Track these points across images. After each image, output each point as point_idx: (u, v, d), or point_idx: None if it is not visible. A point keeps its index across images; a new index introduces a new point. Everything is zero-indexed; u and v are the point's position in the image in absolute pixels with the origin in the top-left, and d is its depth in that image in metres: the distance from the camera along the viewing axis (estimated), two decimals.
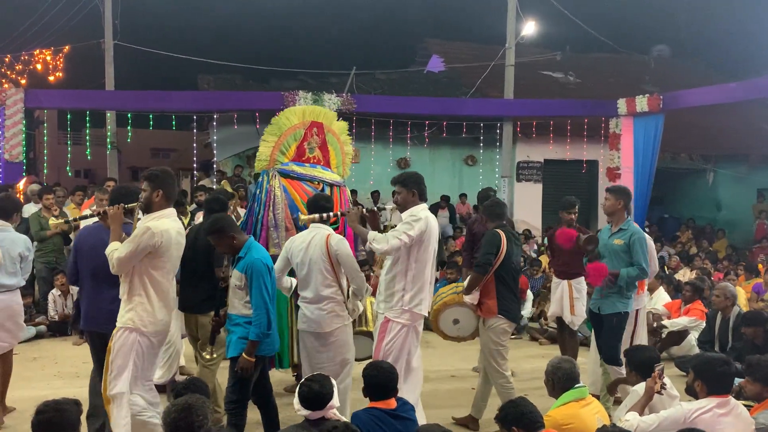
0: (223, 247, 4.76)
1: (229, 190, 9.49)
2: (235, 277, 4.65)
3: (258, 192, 6.37)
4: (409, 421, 4.04)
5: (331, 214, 5.12)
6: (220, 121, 14.70)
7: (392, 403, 4.08)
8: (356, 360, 5.48)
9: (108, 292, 4.76)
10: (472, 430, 5.77)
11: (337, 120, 6.77)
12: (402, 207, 5.02)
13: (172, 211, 4.58)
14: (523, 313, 9.53)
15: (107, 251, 4.41)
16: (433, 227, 4.91)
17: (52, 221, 5.12)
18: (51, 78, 15.33)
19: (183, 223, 7.99)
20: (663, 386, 4.52)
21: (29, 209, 9.59)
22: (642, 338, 6.63)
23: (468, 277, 5.76)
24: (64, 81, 15.66)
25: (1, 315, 5.65)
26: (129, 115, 14.26)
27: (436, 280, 7.20)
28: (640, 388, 4.66)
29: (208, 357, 5.48)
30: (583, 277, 6.83)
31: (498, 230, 5.60)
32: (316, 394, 3.82)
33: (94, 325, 4.82)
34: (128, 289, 4.43)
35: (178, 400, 3.39)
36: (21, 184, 11.36)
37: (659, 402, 4.61)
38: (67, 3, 15.76)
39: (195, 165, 16.12)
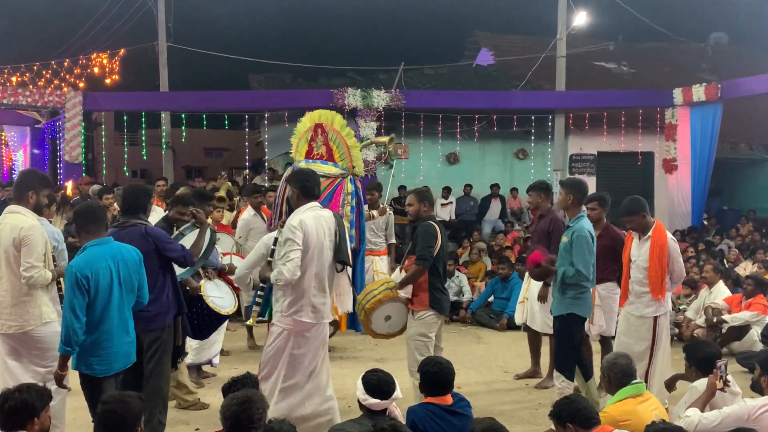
0: None
1: (222, 193, 9.72)
2: None
3: None
4: (465, 417, 4.03)
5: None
6: (271, 119, 14.87)
7: (448, 399, 4.08)
8: None
9: None
10: None
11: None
12: (293, 207, 4.92)
13: (11, 208, 4.86)
14: None
15: None
16: (311, 230, 4.65)
17: None
18: (108, 81, 15.77)
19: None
20: (726, 383, 4.41)
21: None
22: (665, 349, 5.72)
23: (410, 271, 5.48)
24: (120, 83, 16.09)
25: None
26: (183, 115, 14.55)
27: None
28: (700, 384, 4.55)
29: None
30: (611, 283, 6.32)
31: (432, 222, 5.49)
32: (384, 383, 3.86)
33: None
34: None
35: (238, 393, 3.48)
36: (69, 185, 11.70)
37: (720, 399, 4.49)
38: (122, 7, 16.18)
39: (247, 163, 16.37)
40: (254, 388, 3.97)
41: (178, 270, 5.15)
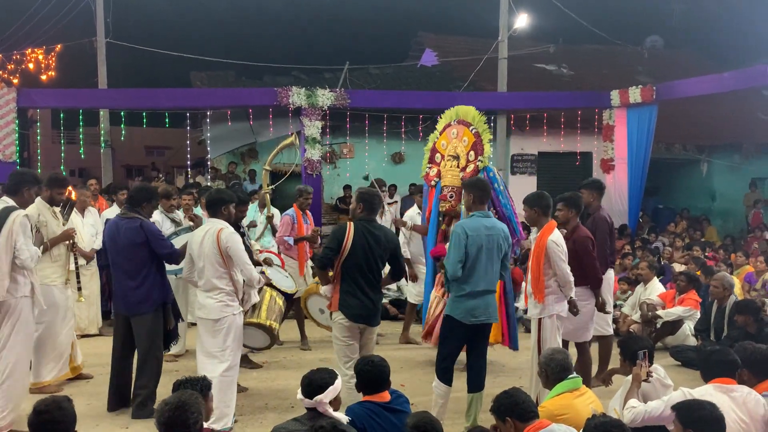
0: None
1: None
2: None
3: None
4: (403, 413, 4.04)
5: None
6: (214, 118, 14.66)
7: (386, 396, 4.09)
8: (256, 349, 6.39)
9: (126, 280, 5.64)
10: None
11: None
12: None
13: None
14: (517, 305, 9.51)
15: None
16: None
17: None
18: (43, 77, 15.27)
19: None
20: (649, 373, 4.58)
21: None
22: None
23: None
24: (56, 80, 15.60)
25: None
26: (122, 113, 14.22)
27: None
28: None
29: None
30: (579, 288, 5.77)
31: (349, 223, 5.37)
32: (319, 379, 3.87)
33: (119, 308, 5.84)
34: None
35: (171, 398, 3.35)
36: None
37: (653, 392, 4.65)
38: (59, 2, 15.71)
39: (189, 162, 16.10)
40: (204, 391, 3.84)
41: (168, 266, 5.85)
